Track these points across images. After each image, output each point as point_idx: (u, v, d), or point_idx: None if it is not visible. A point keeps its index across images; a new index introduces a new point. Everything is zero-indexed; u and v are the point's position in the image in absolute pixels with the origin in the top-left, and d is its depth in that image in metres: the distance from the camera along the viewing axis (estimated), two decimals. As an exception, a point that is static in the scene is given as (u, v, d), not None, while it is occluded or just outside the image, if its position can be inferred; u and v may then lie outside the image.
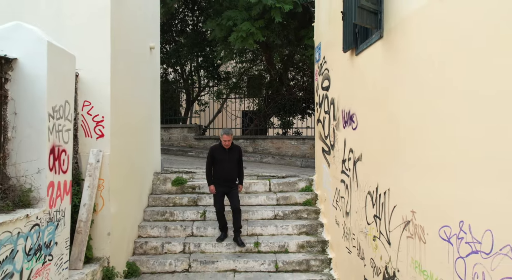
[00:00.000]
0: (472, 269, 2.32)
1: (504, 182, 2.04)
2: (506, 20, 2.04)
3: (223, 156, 5.70)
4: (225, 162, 5.69)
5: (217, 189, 5.70)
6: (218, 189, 5.70)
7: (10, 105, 3.36)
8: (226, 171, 5.70)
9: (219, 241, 5.73)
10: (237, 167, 5.84)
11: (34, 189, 3.39)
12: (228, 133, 5.71)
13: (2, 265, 2.85)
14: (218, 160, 5.71)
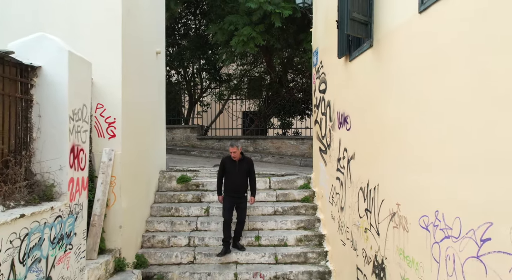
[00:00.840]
0: (445, 252, 2.68)
1: (469, 177, 2.40)
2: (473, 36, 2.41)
3: (233, 168, 5.79)
4: (235, 174, 5.76)
5: (227, 200, 5.77)
6: (227, 200, 5.76)
7: (35, 109, 3.72)
8: (234, 183, 5.76)
9: (220, 256, 5.73)
10: (246, 179, 5.87)
11: (56, 185, 3.74)
12: (233, 145, 5.82)
13: (32, 251, 3.21)
14: (228, 171, 5.81)
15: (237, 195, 5.79)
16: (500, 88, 2.12)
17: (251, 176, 5.95)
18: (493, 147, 2.19)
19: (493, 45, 2.19)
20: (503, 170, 2.09)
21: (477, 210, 2.32)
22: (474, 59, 2.36)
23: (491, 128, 2.20)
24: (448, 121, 2.64)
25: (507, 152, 2.07)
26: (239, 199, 5.80)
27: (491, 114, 2.20)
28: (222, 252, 5.76)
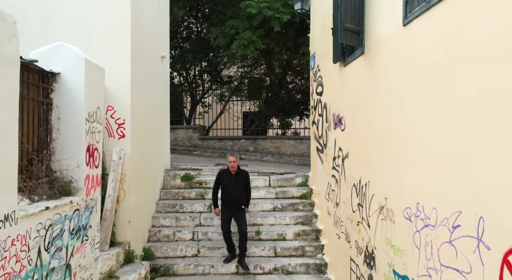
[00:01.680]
0: (424, 239, 3.03)
1: (443, 173, 2.74)
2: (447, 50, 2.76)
3: (230, 181, 5.80)
4: (232, 187, 5.78)
5: (224, 212, 5.82)
6: (224, 213, 5.81)
7: (55, 111, 4.07)
8: (232, 196, 5.77)
9: (226, 262, 5.86)
10: (244, 192, 5.89)
11: (74, 181, 4.09)
12: (233, 155, 5.88)
13: (55, 240, 3.56)
14: (225, 185, 5.81)
15: (235, 208, 5.80)
16: (468, 98, 2.47)
17: (247, 189, 5.99)
18: (461, 149, 2.53)
19: (463, 60, 2.54)
20: (469, 168, 2.44)
21: (450, 201, 2.67)
22: (448, 70, 2.71)
23: (460, 132, 2.55)
24: (426, 125, 3.00)
25: (471, 153, 2.42)
26: (237, 212, 5.81)
27: (461, 120, 2.54)
28: (228, 258, 5.92)
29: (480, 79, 2.34)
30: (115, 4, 5.39)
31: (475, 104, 2.39)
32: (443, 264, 2.75)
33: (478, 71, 2.36)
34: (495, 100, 2.20)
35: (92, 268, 4.38)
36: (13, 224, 2.92)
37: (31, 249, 3.18)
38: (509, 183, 2.08)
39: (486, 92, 2.29)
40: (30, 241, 3.18)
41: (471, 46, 2.44)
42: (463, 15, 2.53)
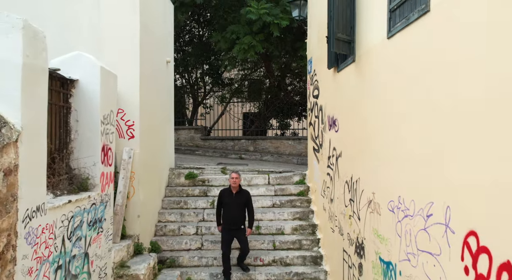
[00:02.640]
0: (404, 227, 3.44)
1: (419, 169, 3.15)
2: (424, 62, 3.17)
3: (230, 200, 5.91)
4: (232, 206, 5.87)
5: (224, 232, 5.91)
6: (225, 233, 5.91)
7: (73, 114, 4.47)
8: (231, 215, 5.87)
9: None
10: (244, 211, 5.95)
11: (90, 178, 4.50)
12: (237, 172, 6.09)
13: (75, 231, 3.97)
14: (225, 203, 5.92)
15: (234, 227, 5.86)
16: (437, 104, 2.88)
17: (249, 208, 6.02)
18: (433, 148, 2.95)
19: (433, 70, 2.95)
20: (439, 164, 2.85)
21: (424, 194, 3.08)
22: (421, 79, 3.12)
23: (432, 134, 2.96)
24: (404, 127, 3.41)
25: (441, 151, 2.83)
26: (238, 231, 5.88)
27: (432, 123, 2.95)
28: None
29: (447, 87, 2.75)
30: (125, 14, 5.79)
31: (442, 109, 2.80)
32: (419, 249, 3.16)
33: (445, 80, 2.77)
34: (458, 107, 2.61)
35: (106, 258, 4.79)
36: (43, 215, 3.33)
37: (56, 237, 3.59)
38: (468, 176, 2.49)
39: (451, 100, 2.70)
40: (56, 230, 3.59)
41: (438, 58, 2.86)
42: (434, 31, 2.94)
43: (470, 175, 2.48)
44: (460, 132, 2.59)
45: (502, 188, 2.16)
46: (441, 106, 2.82)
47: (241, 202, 5.94)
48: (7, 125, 2.87)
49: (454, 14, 2.68)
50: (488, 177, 2.29)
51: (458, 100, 2.62)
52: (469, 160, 2.49)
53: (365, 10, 4.48)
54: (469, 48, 2.48)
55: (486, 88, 2.30)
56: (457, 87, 2.62)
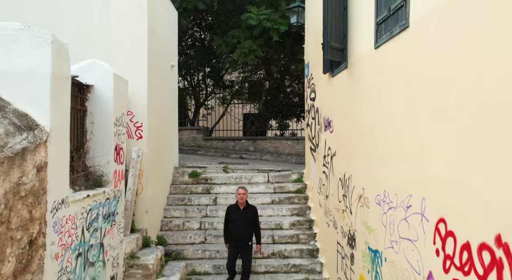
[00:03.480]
0: (389, 218, 3.85)
1: (400, 165, 3.57)
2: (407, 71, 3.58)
3: (237, 216, 5.88)
4: (239, 222, 5.83)
5: (231, 249, 5.91)
6: (231, 250, 5.91)
7: (89, 117, 4.88)
8: (238, 231, 5.83)
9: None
10: (251, 227, 5.90)
11: (104, 175, 4.90)
12: (243, 188, 6.06)
13: (92, 223, 4.38)
14: (233, 220, 5.89)
15: (241, 244, 5.84)
16: (415, 109, 3.29)
17: (256, 224, 6.01)
18: (412, 147, 3.36)
19: (414, 80, 3.36)
20: (417, 161, 3.27)
21: (405, 187, 3.49)
22: (404, 87, 3.53)
23: (411, 135, 3.37)
24: (389, 128, 3.83)
25: (418, 150, 3.24)
26: (245, 248, 5.86)
27: (412, 125, 3.37)
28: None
29: (425, 95, 3.16)
30: (134, 22, 6.20)
31: (420, 115, 3.22)
32: (401, 237, 3.57)
33: (423, 88, 3.19)
34: (433, 113, 3.02)
35: (118, 248, 5.20)
36: (66, 207, 3.74)
37: (77, 227, 4.00)
38: (439, 173, 2.90)
39: (427, 107, 3.11)
40: (77, 221, 4.00)
41: (417, 68, 3.27)
42: (413, 45, 3.35)
43: (440, 171, 2.88)
44: (434, 135, 2.99)
45: (462, 183, 2.57)
46: (419, 112, 3.23)
47: (248, 218, 5.87)
48: (38, 127, 3.28)
49: (429, 31, 3.09)
50: (453, 174, 2.70)
51: (433, 107, 3.02)
52: (440, 159, 2.89)
53: (356, 22, 4.89)
54: (442, 61, 2.89)
55: (457, 96, 2.70)
56: (433, 95, 3.03)
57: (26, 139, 3.06)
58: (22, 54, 3.34)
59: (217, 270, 6.44)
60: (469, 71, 2.53)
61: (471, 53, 2.52)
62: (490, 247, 2.30)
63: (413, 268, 3.31)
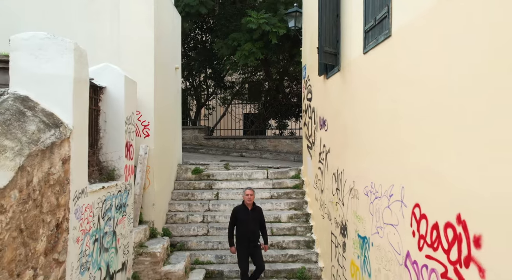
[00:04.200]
0: (375, 207, 4.28)
1: (384, 160, 4.00)
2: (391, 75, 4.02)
3: (246, 216, 5.88)
4: (249, 223, 5.86)
5: (241, 250, 5.86)
6: (241, 251, 5.85)
7: (102, 116, 5.32)
8: (248, 231, 5.85)
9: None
10: (259, 227, 5.97)
11: (116, 169, 5.34)
12: (251, 188, 6.15)
13: (107, 212, 4.81)
14: (242, 220, 5.87)
15: (252, 244, 5.86)
16: (397, 109, 3.73)
17: (263, 224, 6.08)
18: (394, 143, 3.79)
19: (396, 84, 3.79)
20: (398, 155, 3.70)
21: (388, 178, 3.92)
22: (386, 90, 3.96)
23: (393, 132, 3.80)
24: (373, 126, 4.26)
25: (399, 146, 3.68)
26: (256, 248, 5.89)
27: (394, 124, 3.80)
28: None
29: (404, 96, 3.59)
30: (141, 31, 6.62)
31: (399, 114, 3.65)
32: (385, 222, 4.00)
33: (403, 90, 3.62)
34: (411, 113, 3.46)
35: (129, 238, 5.63)
36: (85, 196, 4.17)
37: (94, 216, 4.43)
38: (415, 164, 3.33)
39: (406, 107, 3.54)
40: (94, 210, 4.43)
41: (398, 73, 3.71)
42: (395, 52, 3.79)
43: (416, 163, 3.31)
44: (411, 132, 3.43)
45: (432, 173, 3.00)
46: (400, 111, 3.66)
47: (256, 218, 5.95)
48: (63, 125, 3.72)
49: (407, 41, 3.52)
50: (425, 165, 3.13)
51: (410, 107, 3.45)
52: (416, 153, 3.32)
53: (348, 29, 5.33)
54: (417, 67, 3.32)
55: (431, 99, 3.12)
56: (410, 97, 3.46)
57: (54, 135, 3.49)
58: (48, 60, 3.77)
59: (219, 260, 6.88)
60: (438, 77, 2.96)
61: (439, 62, 2.95)
62: (453, 225, 2.73)
63: (395, 249, 3.74)
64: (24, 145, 3.01)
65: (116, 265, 5.11)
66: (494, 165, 2.29)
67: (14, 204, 2.79)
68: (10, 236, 2.74)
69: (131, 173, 5.76)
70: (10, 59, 3.72)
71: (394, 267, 3.74)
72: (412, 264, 3.36)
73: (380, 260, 4.12)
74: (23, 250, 2.93)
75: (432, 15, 3.05)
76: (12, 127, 3.06)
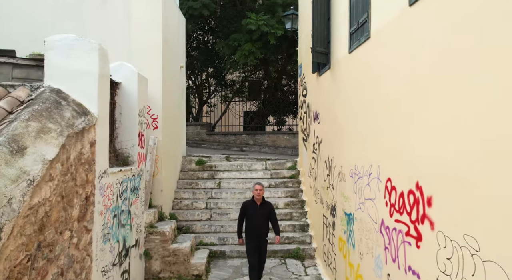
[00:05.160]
0: (358, 186, 4.93)
1: (365, 144, 4.65)
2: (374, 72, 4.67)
3: (255, 211, 5.89)
4: (257, 218, 5.86)
5: (249, 245, 5.88)
6: (250, 245, 5.88)
7: (118, 109, 5.96)
8: (257, 226, 5.86)
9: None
10: (267, 222, 5.99)
11: (130, 156, 5.99)
12: (260, 184, 6.04)
13: (123, 193, 5.46)
14: (250, 215, 5.89)
15: (260, 238, 5.89)
16: (376, 102, 4.38)
17: (273, 218, 6.04)
18: (372, 130, 4.44)
19: (374, 80, 4.44)
20: (374, 140, 4.35)
21: (367, 160, 4.57)
22: (367, 85, 4.61)
23: (373, 122, 4.46)
24: (356, 117, 4.91)
25: (376, 132, 4.33)
26: (263, 243, 5.95)
27: (372, 115, 4.45)
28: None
29: (381, 91, 4.24)
30: (150, 33, 7.28)
31: (376, 106, 4.30)
32: (365, 198, 4.65)
33: (379, 86, 4.26)
34: (388, 105, 4.10)
35: (141, 218, 6.29)
36: (107, 176, 4.82)
37: (113, 194, 5.08)
38: (386, 147, 3.98)
39: (382, 100, 4.19)
40: (113, 189, 5.08)
41: (376, 70, 4.36)
42: (374, 52, 4.44)
43: (387, 145, 3.97)
44: (385, 121, 4.08)
45: (399, 150, 3.66)
46: (377, 103, 4.31)
47: (265, 214, 5.93)
48: (90, 113, 4.36)
49: (381, 42, 4.17)
50: (394, 145, 3.78)
51: (386, 100, 4.10)
52: (388, 136, 3.97)
53: (336, 31, 5.97)
54: (390, 64, 3.97)
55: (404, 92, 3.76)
56: (386, 91, 4.10)
57: (84, 121, 4.14)
58: (76, 58, 4.41)
59: (221, 242, 7.53)
60: (404, 72, 3.61)
61: (405, 59, 3.60)
62: (413, 191, 3.38)
63: (372, 219, 4.39)
64: (63, 128, 3.66)
65: (131, 241, 5.76)
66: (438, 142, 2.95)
67: (58, 175, 3.44)
68: (55, 200, 3.40)
69: (143, 160, 6.41)
70: (45, 57, 4.36)
71: (372, 235, 4.40)
72: (385, 229, 4.01)
73: (362, 231, 4.77)
74: (63, 214, 3.58)
75: (399, 21, 3.70)
76: (53, 113, 3.71)
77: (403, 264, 3.58)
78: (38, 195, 3.06)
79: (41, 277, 3.15)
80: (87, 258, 4.23)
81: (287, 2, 11.14)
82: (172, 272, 6.48)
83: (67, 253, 3.71)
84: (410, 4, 3.43)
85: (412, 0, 3.38)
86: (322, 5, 6.34)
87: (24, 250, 2.89)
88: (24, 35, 7.09)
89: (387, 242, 3.96)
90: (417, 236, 3.31)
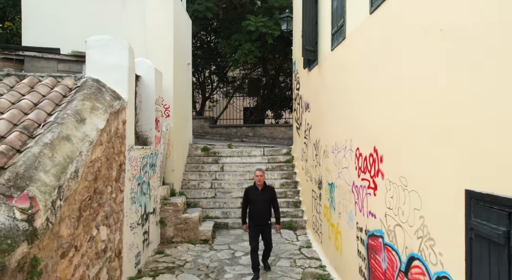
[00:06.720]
0: (337, 159, 6.05)
1: (341, 124, 5.77)
2: (356, 67, 5.81)
3: (257, 196, 6.04)
4: (259, 202, 6.01)
5: (252, 227, 6.02)
6: (253, 228, 6.01)
7: (138, 97, 7.08)
8: (259, 211, 6.01)
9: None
10: (270, 207, 6.12)
11: (148, 138, 7.11)
12: (261, 170, 6.25)
13: (144, 167, 6.58)
14: (252, 200, 6.04)
15: (262, 223, 6.03)
16: (350, 94, 5.50)
17: (275, 204, 6.22)
18: (347, 111, 5.57)
19: (349, 74, 5.57)
20: (348, 120, 5.48)
21: (344, 136, 5.68)
22: (343, 79, 5.73)
23: (349, 108, 5.58)
24: (337, 105, 6.04)
25: (350, 113, 5.46)
26: (265, 227, 6.07)
27: (347, 103, 5.57)
28: (254, 278, 5.87)
29: (354, 84, 5.36)
30: (163, 34, 8.40)
31: (351, 96, 5.42)
32: (342, 167, 5.77)
33: (354, 80, 5.38)
34: (357, 93, 5.22)
35: (157, 190, 7.41)
36: (133, 150, 5.94)
37: (138, 166, 6.21)
38: (356, 125, 5.09)
39: (355, 88, 5.31)
40: (138, 162, 6.20)
41: (351, 66, 5.48)
42: (348, 51, 5.56)
43: (357, 122, 5.08)
44: (355, 105, 5.19)
45: (363, 125, 4.78)
46: (350, 92, 5.43)
47: (267, 198, 6.08)
48: (122, 98, 5.48)
49: (353, 42, 5.29)
50: (360, 121, 4.90)
51: (356, 89, 5.21)
52: (357, 115, 5.09)
53: (322, 32, 7.09)
54: (360, 61, 5.08)
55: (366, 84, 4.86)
56: (360, 83, 5.21)
57: (119, 104, 5.26)
58: (111, 54, 5.53)
59: (224, 215, 8.66)
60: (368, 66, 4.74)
61: (370, 56, 4.73)
62: (372, 154, 4.50)
63: (347, 183, 5.51)
64: (106, 107, 4.78)
65: (149, 208, 6.89)
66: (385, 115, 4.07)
67: (105, 141, 4.56)
68: (104, 160, 4.52)
69: (159, 142, 7.54)
70: (86, 54, 5.48)
71: (346, 195, 5.52)
72: (355, 188, 5.13)
73: (340, 195, 5.89)
74: (107, 172, 4.71)
75: (362, 25, 4.83)
76: (98, 96, 4.83)
77: (366, 211, 4.71)
78: (95, 153, 4.19)
79: (95, 215, 4.28)
80: (120, 212, 5.36)
81: (283, 5, 12.26)
82: (183, 237, 7.61)
83: (109, 204, 4.84)
84: (370, 13, 4.55)
85: (371, 9, 4.51)
86: (311, 10, 7.46)
87: (87, 192, 4.02)
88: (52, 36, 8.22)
89: (356, 198, 5.08)
90: (374, 187, 4.43)
